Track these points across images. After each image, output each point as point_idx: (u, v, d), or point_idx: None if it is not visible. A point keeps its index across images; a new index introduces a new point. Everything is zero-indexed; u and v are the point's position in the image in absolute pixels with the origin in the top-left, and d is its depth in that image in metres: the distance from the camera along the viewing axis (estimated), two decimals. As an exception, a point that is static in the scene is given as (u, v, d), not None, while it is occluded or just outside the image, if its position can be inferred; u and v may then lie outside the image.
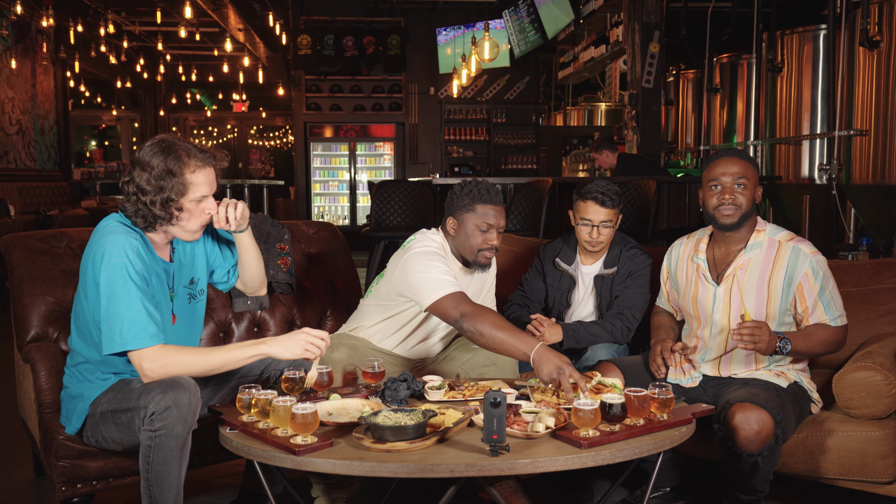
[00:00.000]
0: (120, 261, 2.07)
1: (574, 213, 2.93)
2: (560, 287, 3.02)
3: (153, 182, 2.10)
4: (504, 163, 12.39)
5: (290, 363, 2.42)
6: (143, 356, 2.07)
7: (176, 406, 1.99)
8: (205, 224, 2.24)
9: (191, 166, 2.14)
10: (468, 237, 2.64)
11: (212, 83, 15.83)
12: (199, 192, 2.16)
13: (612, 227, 2.89)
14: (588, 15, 9.15)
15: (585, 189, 2.88)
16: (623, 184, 5.69)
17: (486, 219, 2.62)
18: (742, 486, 2.29)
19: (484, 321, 2.35)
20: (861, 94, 5.34)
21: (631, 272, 2.90)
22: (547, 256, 3.08)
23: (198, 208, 2.18)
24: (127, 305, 2.06)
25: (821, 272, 2.39)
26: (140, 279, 2.10)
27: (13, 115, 9.76)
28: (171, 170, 2.11)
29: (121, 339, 2.06)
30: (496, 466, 1.81)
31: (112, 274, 2.06)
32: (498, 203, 2.65)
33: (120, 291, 2.06)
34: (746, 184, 2.42)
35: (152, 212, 2.12)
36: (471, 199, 2.64)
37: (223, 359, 2.12)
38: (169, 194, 2.11)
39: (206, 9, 9.85)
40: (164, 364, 2.07)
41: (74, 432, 2.27)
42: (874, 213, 5.37)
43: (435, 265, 2.53)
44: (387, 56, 11.75)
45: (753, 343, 2.20)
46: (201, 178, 2.16)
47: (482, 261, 2.67)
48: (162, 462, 2.03)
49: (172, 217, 2.15)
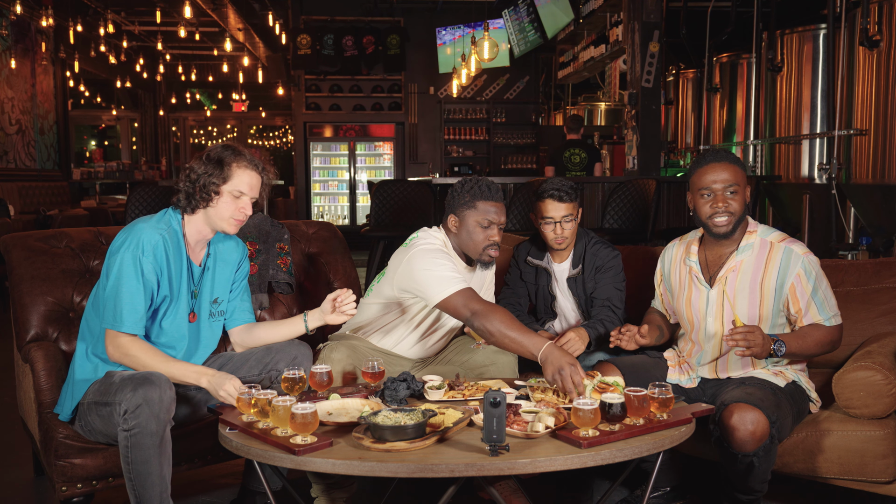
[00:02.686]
0: (136, 252, 2.25)
1: (535, 215, 2.94)
2: (539, 283, 3.03)
3: (204, 166, 2.35)
4: (504, 162, 12.39)
5: (290, 363, 2.43)
6: (119, 339, 2.23)
7: (147, 403, 2.04)
8: (239, 221, 2.38)
9: (240, 163, 2.36)
10: (470, 234, 2.65)
11: (211, 83, 15.83)
12: (238, 184, 2.35)
13: (573, 220, 2.90)
14: (588, 14, 9.15)
15: (541, 189, 2.91)
16: (623, 184, 5.70)
17: (487, 215, 2.63)
18: (740, 486, 2.28)
19: (494, 319, 2.38)
20: (861, 93, 5.34)
21: (598, 267, 2.91)
22: (521, 255, 3.10)
23: (234, 202, 2.35)
24: (128, 291, 2.23)
25: (813, 272, 2.38)
26: (150, 275, 2.26)
27: (13, 115, 9.75)
28: (222, 159, 2.35)
29: (119, 319, 2.21)
30: (496, 466, 1.81)
31: (124, 260, 2.24)
32: (499, 200, 2.67)
33: (127, 277, 2.23)
34: (738, 189, 2.40)
35: (195, 189, 2.33)
36: (472, 195, 2.65)
37: (166, 372, 2.22)
38: (213, 178, 2.33)
39: (205, 8, 9.85)
40: (125, 354, 2.24)
41: (67, 418, 2.32)
42: (874, 212, 5.37)
43: (441, 262, 2.54)
44: (386, 56, 11.74)
45: (748, 347, 2.20)
46: (245, 177, 2.36)
47: (486, 259, 2.68)
48: (141, 461, 2.05)
49: (209, 200, 2.34)
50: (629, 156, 7.45)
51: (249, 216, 2.41)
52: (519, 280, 3.10)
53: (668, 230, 5.77)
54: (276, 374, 2.43)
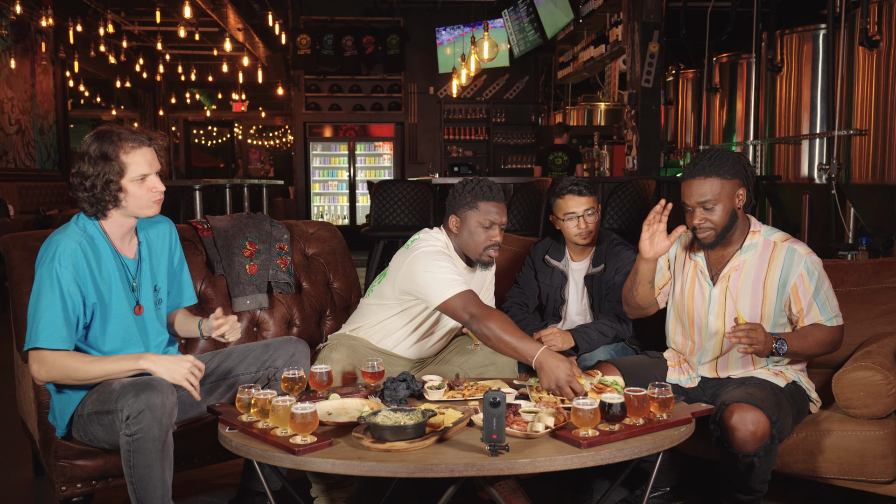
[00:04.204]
0: (52, 265, 2.13)
1: (556, 214, 2.94)
2: (553, 284, 3.03)
3: (92, 168, 2.18)
4: (503, 162, 12.40)
5: (288, 361, 2.43)
6: (42, 358, 2.11)
7: (149, 408, 2.01)
8: (157, 201, 2.27)
9: (125, 148, 2.19)
10: (471, 235, 2.66)
11: (211, 83, 15.83)
12: (137, 171, 2.20)
13: (595, 213, 2.91)
14: (587, 14, 9.15)
15: (559, 187, 2.93)
16: (622, 184, 5.70)
17: (488, 216, 2.64)
18: (740, 486, 2.28)
19: (491, 324, 2.39)
20: (860, 93, 5.34)
21: (618, 269, 2.91)
22: (537, 254, 3.10)
23: (142, 187, 2.22)
24: (46, 307, 2.11)
25: (816, 273, 2.38)
26: (70, 285, 2.14)
27: (12, 115, 9.75)
28: (106, 153, 2.18)
29: (33, 337, 2.11)
30: (495, 466, 1.81)
31: (42, 275, 2.14)
32: (500, 200, 2.68)
33: (44, 293, 2.12)
34: (715, 202, 2.38)
35: (95, 195, 2.19)
36: (473, 196, 2.66)
37: (103, 370, 2.16)
38: (108, 176, 2.17)
39: (205, 9, 9.84)
40: (49, 368, 2.12)
41: (62, 434, 2.29)
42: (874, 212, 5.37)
43: (442, 265, 2.55)
44: (386, 56, 11.74)
45: (750, 344, 2.20)
46: (138, 158, 2.21)
47: (486, 259, 2.69)
48: (143, 465, 2.04)
49: (117, 199, 2.21)
50: (629, 156, 7.46)
51: (164, 191, 2.27)
52: (532, 279, 3.08)
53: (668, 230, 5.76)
54: (274, 372, 2.42)
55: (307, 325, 3.14)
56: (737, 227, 2.45)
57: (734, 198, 2.41)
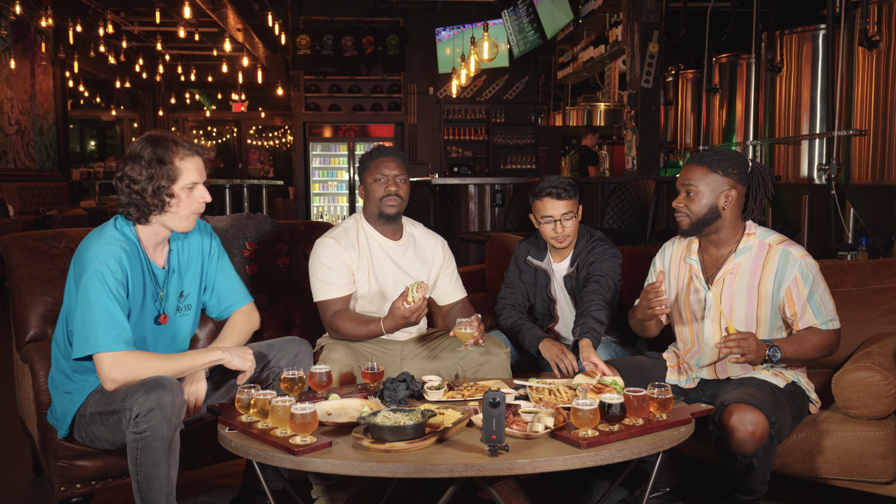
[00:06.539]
0: (98, 267, 2.12)
1: (534, 214, 2.92)
2: (537, 284, 3.01)
3: (144, 171, 2.16)
4: (503, 163, 12.40)
5: (291, 360, 2.43)
6: (113, 359, 2.10)
7: (160, 407, 2.01)
8: (197, 213, 2.28)
9: (179, 154, 2.20)
10: (370, 194, 2.80)
11: (211, 83, 15.84)
12: (189, 178, 2.21)
13: (574, 217, 2.87)
14: (587, 15, 9.15)
15: (539, 188, 2.89)
16: (622, 184, 5.70)
17: (378, 170, 2.77)
18: (739, 486, 2.28)
19: (342, 324, 2.67)
20: (860, 94, 5.34)
21: (589, 263, 2.88)
22: (520, 254, 3.08)
23: (189, 196, 2.23)
24: (101, 310, 2.10)
25: (811, 276, 2.37)
26: (118, 287, 2.14)
27: (12, 116, 9.75)
28: (161, 158, 2.17)
29: (94, 342, 2.09)
30: (495, 466, 1.81)
31: (86, 280, 2.12)
32: (388, 155, 2.81)
33: (95, 297, 2.11)
34: (696, 192, 2.39)
35: (145, 199, 2.17)
36: (365, 160, 2.83)
37: (186, 364, 2.21)
38: (160, 182, 2.17)
39: (205, 9, 9.85)
40: (133, 369, 2.11)
41: (64, 434, 2.29)
42: (873, 213, 5.37)
43: (322, 267, 2.73)
44: (386, 56, 11.75)
45: (742, 354, 2.20)
46: (190, 165, 2.22)
47: (387, 210, 2.78)
48: (150, 463, 2.04)
49: (165, 204, 2.20)
50: (628, 156, 7.46)
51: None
52: (518, 280, 3.08)
53: (668, 230, 5.77)
54: (279, 371, 2.42)
55: (307, 325, 3.14)
56: (721, 227, 2.44)
57: (720, 196, 2.40)
